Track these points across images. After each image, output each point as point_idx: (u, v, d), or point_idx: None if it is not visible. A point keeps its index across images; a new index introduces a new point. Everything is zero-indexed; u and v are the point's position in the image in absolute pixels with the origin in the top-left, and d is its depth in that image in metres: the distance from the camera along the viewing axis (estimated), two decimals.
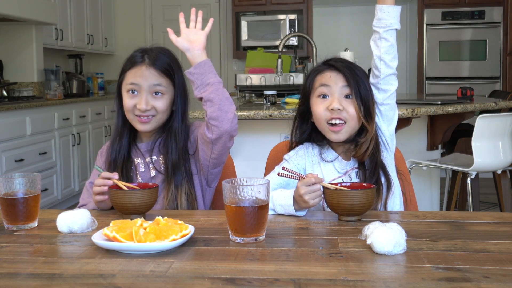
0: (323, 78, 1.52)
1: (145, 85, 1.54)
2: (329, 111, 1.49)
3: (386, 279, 0.91)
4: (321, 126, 1.52)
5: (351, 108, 1.49)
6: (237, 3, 5.91)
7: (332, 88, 1.50)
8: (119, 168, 1.58)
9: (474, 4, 5.59)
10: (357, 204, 1.29)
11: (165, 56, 1.59)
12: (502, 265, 0.97)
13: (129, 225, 1.11)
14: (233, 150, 3.06)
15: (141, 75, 1.55)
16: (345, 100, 1.49)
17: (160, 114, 1.57)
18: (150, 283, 0.91)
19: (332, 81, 1.50)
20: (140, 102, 1.53)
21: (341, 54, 3.59)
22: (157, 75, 1.55)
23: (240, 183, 1.18)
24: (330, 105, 1.49)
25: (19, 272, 0.98)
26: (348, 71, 1.50)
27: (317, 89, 1.53)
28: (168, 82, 1.58)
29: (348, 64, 1.53)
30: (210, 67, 1.50)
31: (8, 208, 1.27)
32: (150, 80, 1.55)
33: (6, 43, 4.94)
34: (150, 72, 1.55)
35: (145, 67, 1.55)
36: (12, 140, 4.00)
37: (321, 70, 1.54)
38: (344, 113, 1.48)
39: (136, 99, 1.55)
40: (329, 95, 1.51)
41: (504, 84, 5.63)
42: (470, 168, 2.77)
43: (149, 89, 1.55)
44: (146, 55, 1.57)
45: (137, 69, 1.56)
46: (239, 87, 4.44)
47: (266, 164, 1.85)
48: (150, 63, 1.55)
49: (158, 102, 1.56)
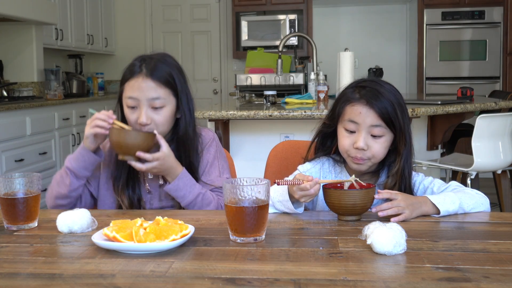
0: (352, 112, 1.44)
1: (143, 99, 1.50)
2: (353, 149, 1.43)
3: (386, 279, 0.91)
4: (344, 155, 1.49)
5: (377, 146, 1.43)
6: (237, 3, 5.91)
7: (361, 126, 1.43)
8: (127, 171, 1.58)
9: (474, 4, 5.59)
10: (359, 204, 1.29)
11: (164, 64, 1.54)
12: (502, 265, 0.97)
13: (129, 225, 1.11)
14: (233, 150, 3.06)
15: (139, 87, 1.50)
16: (372, 139, 1.43)
17: (161, 127, 1.53)
18: (150, 283, 0.91)
19: (361, 118, 1.42)
20: (141, 116, 1.50)
21: (341, 54, 3.59)
22: (155, 87, 1.51)
23: (240, 183, 1.18)
24: (355, 143, 1.43)
25: (19, 272, 0.98)
26: (381, 106, 1.41)
27: (345, 122, 1.45)
28: (168, 92, 1.53)
29: (384, 97, 1.42)
30: (184, 185, 1.52)
31: (8, 208, 1.27)
32: (148, 93, 1.50)
33: (6, 43, 4.94)
34: (148, 84, 1.50)
35: (141, 79, 1.50)
36: (12, 140, 4.00)
37: (353, 102, 1.44)
38: (368, 153, 1.43)
39: (136, 113, 1.52)
40: (356, 131, 1.44)
41: (504, 84, 5.63)
42: (470, 168, 2.77)
43: (148, 102, 1.51)
44: (144, 65, 1.52)
45: (134, 81, 1.51)
46: (239, 87, 4.44)
47: (266, 164, 1.85)
48: (148, 74, 1.51)
49: (158, 115, 1.52)
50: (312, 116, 2.70)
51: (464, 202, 1.35)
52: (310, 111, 2.73)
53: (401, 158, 1.44)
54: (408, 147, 1.45)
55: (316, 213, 1.42)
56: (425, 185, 1.49)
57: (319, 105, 3.20)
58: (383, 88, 1.43)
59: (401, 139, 1.44)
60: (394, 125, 1.42)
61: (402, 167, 1.44)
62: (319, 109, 2.87)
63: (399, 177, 1.44)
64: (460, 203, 1.34)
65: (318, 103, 3.36)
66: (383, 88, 1.43)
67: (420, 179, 1.50)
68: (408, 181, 1.46)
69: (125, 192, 1.57)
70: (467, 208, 1.35)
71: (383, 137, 1.43)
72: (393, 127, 1.42)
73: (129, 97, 1.52)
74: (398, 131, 1.43)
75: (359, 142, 1.42)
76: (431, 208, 1.32)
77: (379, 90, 1.42)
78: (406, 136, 1.44)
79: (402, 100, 1.46)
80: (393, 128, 1.42)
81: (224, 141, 2.98)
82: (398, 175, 1.44)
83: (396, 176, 1.44)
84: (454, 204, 1.33)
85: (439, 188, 1.46)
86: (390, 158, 1.48)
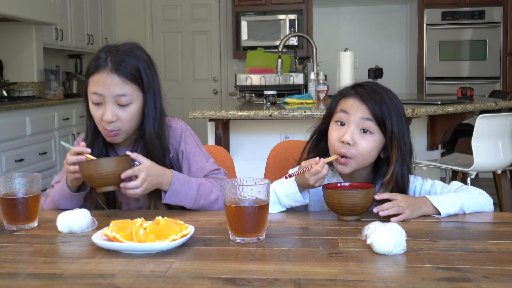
0: (345, 104, 1.42)
1: (109, 95, 1.42)
2: (340, 142, 1.40)
3: (386, 279, 0.91)
4: (331, 151, 1.45)
5: (364, 144, 1.38)
6: (237, 3, 5.91)
7: (351, 117, 1.39)
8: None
9: (474, 4, 5.59)
10: (359, 204, 1.29)
11: (131, 57, 1.45)
12: (502, 265, 0.97)
13: (129, 225, 1.11)
14: (233, 150, 3.06)
15: (103, 83, 1.41)
16: (360, 135, 1.39)
17: (127, 124, 1.45)
18: (150, 283, 0.91)
19: (352, 109, 1.39)
20: (106, 113, 1.42)
21: (341, 54, 3.59)
22: (120, 83, 1.42)
23: (240, 183, 1.18)
24: (342, 136, 1.39)
25: (19, 272, 0.98)
26: (374, 103, 1.38)
27: (337, 114, 1.43)
28: (134, 88, 1.44)
29: (379, 97, 1.39)
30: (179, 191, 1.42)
31: (8, 208, 1.27)
32: (113, 89, 1.42)
33: (6, 43, 4.94)
34: (113, 80, 1.41)
35: (106, 74, 1.41)
36: (12, 140, 4.00)
37: (347, 94, 1.43)
38: (353, 150, 1.38)
39: (101, 109, 1.44)
40: (346, 123, 1.41)
41: (504, 84, 5.63)
42: (470, 168, 2.77)
43: (113, 99, 1.42)
44: (109, 58, 1.43)
45: (99, 76, 1.42)
46: (239, 87, 4.44)
47: (266, 164, 1.85)
48: (113, 68, 1.41)
49: (124, 112, 1.44)
50: (312, 116, 2.70)
51: (466, 204, 1.34)
52: (310, 111, 2.73)
53: (394, 166, 1.39)
54: (403, 154, 1.39)
55: (316, 213, 1.42)
56: (426, 189, 1.46)
57: (319, 105, 3.20)
58: (381, 90, 1.42)
59: (394, 144, 1.39)
60: (385, 127, 1.38)
61: (396, 175, 1.39)
62: (319, 109, 2.87)
63: (394, 185, 1.39)
64: (461, 205, 1.33)
65: (318, 103, 3.36)
66: (381, 90, 1.42)
67: (420, 184, 1.47)
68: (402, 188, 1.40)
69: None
70: (468, 210, 1.34)
71: (372, 136, 1.39)
72: (384, 129, 1.38)
73: (94, 93, 1.43)
74: (389, 135, 1.38)
75: (346, 135, 1.38)
76: (432, 208, 1.32)
77: (376, 90, 1.41)
78: (401, 143, 1.39)
79: (400, 106, 1.42)
80: (384, 130, 1.38)
81: (224, 141, 2.98)
82: (392, 184, 1.39)
83: (390, 185, 1.39)
84: (455, 206, 1.32)
85: (442, 190, 1.44)
86: (383, 167, 1.44)
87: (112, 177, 1.34)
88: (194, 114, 2.78)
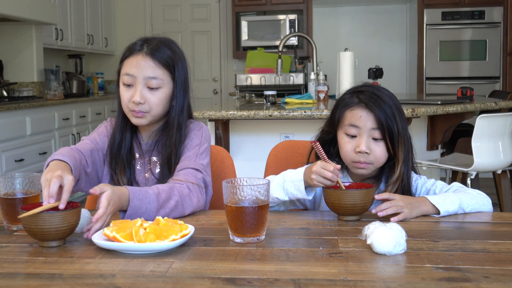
0: (353, 117, 1.45)
1: (140, 76, 1.46)
2: (356, 153, 1.44)
3: (386, 279, 0.91)
4: (346, 161, 1.49)
5: (378, 150, 1.44)
6: (237, 3, 5.91)
7: (362, 129, 1.44)
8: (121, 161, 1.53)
9: (474, 4, 5.59)
10: (359, 204, 1.29)
11: (166, 47, 1.51)
12: (502, 265, 0.97)
13: (129, 225, 1.11)
14: (233, 150, 3.06)
15: (137, 65, 1.47)
16: (373, 143, 1.44)
17: (155, 108, 1.48)
18: (150, 283, 0.91)
19: (361, 121, 1.43)
20: (135, 94, 1.46)
21: (341, 54, 3.59)
22: (153, 66, 1.47)
23: (240, 183, 1.18)
24: (357, 147, 1.43)
25: (19, 272, 0.98)
26: (379, 109, 1.42)
27: (345, 127, 1.46)
28: (166, 74, 1.49)
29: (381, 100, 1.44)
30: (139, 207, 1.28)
31: (8, 208, 1.27)
32: (145, 71, 1.46)
33: (6, 43, 4.94)
34: (147, 62, 1.46)
35: (141, 56, 1.47)
36: (12, 140, 4.00)
37: (352, 106, 1.46)
38: (371, 157, 1.43)
39: (131, 91, 1.48)
40: (358, 135, 1.45)
41: (504, 84, 5.63)
42: (470, 168, 2.77)
43: (144, 81, 1.47)
44: (146, 44, 1.49)
45: (133, 58, 1.48)
46: (239, 87, 4.44)
47: (266, 164, 1.85)
48: (148, 53, 1.47)
49: (153, 96, 1.47)
50: (312, 116, 2.70)
51: (464, 202, 1.35)
52: (310, 111, 2.73)
53: (401, 163, 1.44)
54: (407, 150, 1.46)
55: (316, 213, 1.42)
56: (427, 187, 1.49)
57: (319, 105, 3.20)
58: (380, 92, 1.46)
59: (399, 143, 1.44)
60: (392, 129, 1.43)
61: (402, 172, 1.45)
62: (319, 109, 2.87)
63: (400, 182, 1.45)
64: (460, 203, 1.34)
65: (318, 103, 3.36)
66: (380, 92, 1.46)
67: (422, 181, 1.51)
68: (407, 185, 1.46)
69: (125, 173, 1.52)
70: (467, 209, 1.35)
71: (382, 141, 1.44)
72: (391, 131, 1.43)
73: (126, 74, 1.48)
74: (396, 135, 1.43)
75: (361, 146, 1.43)
76: (431, 208, 1.32)
77: (377, 94, 1.45)
78: (405, 140, 1.45)
79: (399, 104, 1.47)
80: (392, 131, 1.43)
81: (224, 141, 2.98)
82: (399, 181, 1.45)
83: (397, 182, 1.45)
84: (454, 205, 1.33)
85: (441, 190, 1.46)
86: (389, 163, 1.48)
87: (69, 228, 1.14)
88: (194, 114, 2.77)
